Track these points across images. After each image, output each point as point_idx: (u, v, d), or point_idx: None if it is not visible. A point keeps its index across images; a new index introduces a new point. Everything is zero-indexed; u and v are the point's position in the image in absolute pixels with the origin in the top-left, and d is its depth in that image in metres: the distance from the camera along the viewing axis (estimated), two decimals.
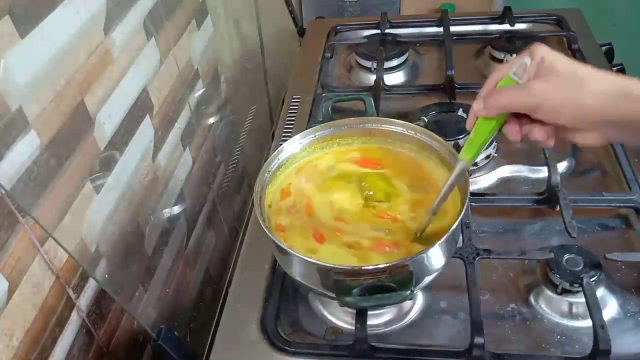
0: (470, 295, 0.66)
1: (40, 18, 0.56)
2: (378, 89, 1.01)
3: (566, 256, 0.69)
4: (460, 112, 0.94)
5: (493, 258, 0.71)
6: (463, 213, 0.60)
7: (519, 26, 1.17)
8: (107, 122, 0.69)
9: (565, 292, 0.67)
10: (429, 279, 0.63)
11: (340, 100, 0.88)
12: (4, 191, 0.51)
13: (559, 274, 0.67)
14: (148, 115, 0.80)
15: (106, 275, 0.69)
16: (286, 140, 0.74)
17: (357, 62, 1.13)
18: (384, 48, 1.12)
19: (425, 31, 1.22)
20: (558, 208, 0.76)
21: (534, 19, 1.19)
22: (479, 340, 0.61)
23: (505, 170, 0.87)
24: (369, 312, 0.66)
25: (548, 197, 0.78)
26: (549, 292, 0.68)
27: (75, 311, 0.63)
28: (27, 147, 0.54)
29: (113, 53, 0.70)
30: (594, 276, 0.66)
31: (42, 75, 0.57)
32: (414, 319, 0.69)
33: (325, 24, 1.27)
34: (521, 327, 0.67)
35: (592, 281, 0.65)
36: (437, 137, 0.70)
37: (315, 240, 0.66)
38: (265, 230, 0.62)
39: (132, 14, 0.75)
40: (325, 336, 0.68)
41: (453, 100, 0.99)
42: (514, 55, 0.54)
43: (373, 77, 1.06)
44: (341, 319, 0.70)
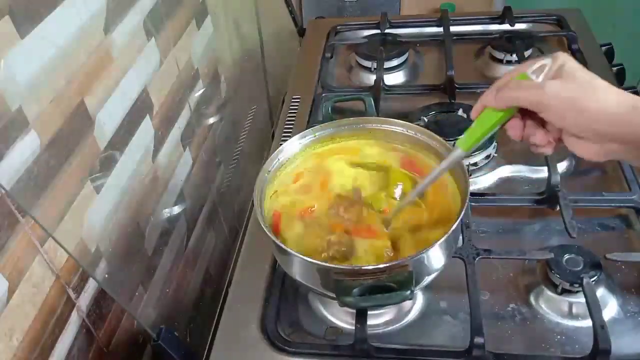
0: (470, 295, 0.66)
1: (40, 18, 0.56)
2: (378, 89, 1.01)
3: (566, 256, 0.69)
4: (460, 112, 0.94)
5: (493, 258, 0.71)
6: (463, 213, 0.61)
7: (519, 26, 1.17)
8: (107, 122, 0.69)
9: (565, 292, 0.68)
10: (429, 279, 0.63)
11: (340, 100, 0.88)
12: (4, 191, 0.51)
13: (559, 274, 0.67)
14: (148, 115, 0.80)
15: (106, 275, 0.69)
16: (286, 140, 0.74)
17: (357, 62, 1.13)
18: (384, 48, 1.12)
19: (425, 31, 1.22)
20: (558, 208, 0.76)
21: (534, 19, 1.19)
22: (479, 340, 0.61)
23: (505, 170, 0.87)
24: (369, 312, 0.66)
25: (548, 197, 0.78)
26: (549, 292, 0.68)
27: (75, 311, 0.63)
28: (27, 147, 0.54)
29: (113, 53, 0.70)
30: (594, 276, 0.66)
31: (42, 75, 0.57)
32: (414, 319, 0.69)
33: (325, 24, 1.27)
34: (521, 327, 0.67)
35: (592, 281, 0.65)
36: (437, 137, 0.70)
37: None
38: (265, 230, 0.62)
39: (132, 14, 0.75)
40: (325, 336, 0.68)
41: (453, 100, 0.99)
42: (536, 58, 0.54)
43: (373, 77, 1.06)
44: (341, 319, 0.70)
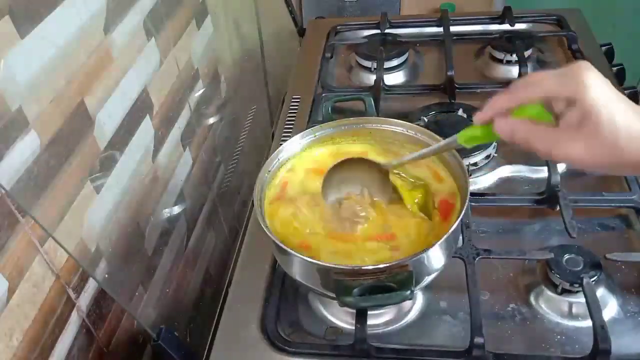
0: (470, 295, 0.66)
1: (40, 18, 0.56)
2: (378, 89, 1.01)
3: (566, 256, 0.69)
4: (460, 112, 0.94)
5: (493, 258, 0.71)
6: (463, 213, 0.61)
7: (519, 26, 1.17)
8: (107, 122, 0.69)
9: (565, 292, 0.67)
10: (429, 279, 0.63)
11: (340, 100, 0.88)
12: (4, 191, 0.51)
13: (559, 274, 0.67)
14: (148, 115, 0.80)
15: (106, 275, 0.69)
16: (286, 140, 0.74)
17: (357, 62, 1.13)
18: (384, 48, 1.12)
19: (425, 31, 1.21)
20: (558, 208, 0.76)
21: (534, 19, 1.19)
22: (479, 340, 0.61)
23: (505, 170, 0.87)
24: (369, 312, 0.66)
25: (548, 197, 0.78)
26: (549, 292, 0.68)
27: (75, 311, 0.63)
28: (27, 147, 0.54)
29: (113, 53, 0.70)
30: (594, 276, 0.66)
31: (42, 75, 0.57)
32: (414, 319, 0.69)
33: (325, 24, 1.27)
34: (521, 327, 0.67)
35: (592, 281, 0.65)
36: (437, 137, 0.70)
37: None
38: (266, 230, 0.62)
39: (132, 14, 0.75)
40: (325, 336, 0.68)
41: (453, 100, 0.99)
42: (557, 75, 0.46)
43: (373, 77, 1.06)
44: (341, 319, 0.70)
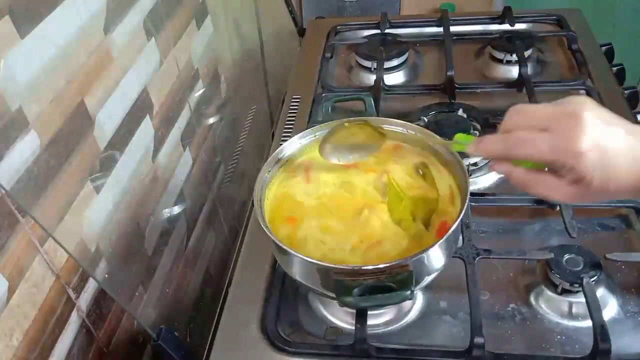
0: (470, 295, 0.66)
1: (40, 18, 0.56)
2: (378, 89, 1.01)
3: (566, 256, 0.69)
4: (460, 112, 0.94)
5: (493, 258, 0.71)
6: (463, 213, 0.61)
7: (519, 26, 1.17)
8: (107, 122, 0.69)
9: (565, 292, 0.67)
10: (429, 279, 0.63)
11: (340, 100, 0.88)
12: (4, 191, 0.51)
13: (559, 274, 0.67)
14: (148, 115, 0.80)
15: (106, 275, 0.69)
16: (286, 140, 0.74)
17: (357, 62, 1.13)
18: (384, 48, 1.12)
19: (425, 31, 1.21)
20: (558, 208, 0.76)
21: (534, 19, 1.19)
22: (479, 340, 0.61)
23: None
24: (369, 312, 0.66)
25: None
26: (549, 292, 0.68)
27: (75, 311, 0.63)
28: (27, 147, 0.54)
29: (113, 53, 0.70)
30: (594, 276, 0.66)
31: (42, 75, 0.57)
32: (414, 319, 0.69)
33: (325, 24, 1.27)
34: (521, 327, 0.67)
35: (592, 281, 0.65)
36: (437, 137, 0.70)
37: None
38: (266, 230, 0.62)
39: (132, 14, 0.75)
40: (325, 336, 0.68)
41: (453, 100, 0.99)
42: (553, 141, 0.48)
43: (373, 77, 1.06)
44: (341, 319, 0.70)
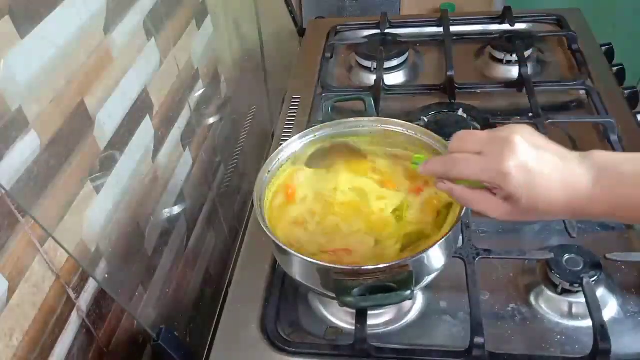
0: (470, 295, 0.66)
1: (40, 18, 0.56)
2: (378, 89, 1.01)
3: (566, 256, 0.69)
4: (460, 112, 0.94)
5: (493, 258, 0.71)
6: (463, 213, 0.61)
7: (519, 26, 1.17)
8: (107, 122, 0.69)
9: (565, 292, 0.67)
10: (429, 279, 0.63)
11: (340, 100, 0.88)
12: (4, 191, 0.51)
13: (559, 274, 0.67)
14: (148, 115, 0.80)
15: (106, 275, 0.69)
16: (286, 140, 0.74)
17: (357, 62, 1.13)
18: (384, 48, 1.12)
19: (425, 31, 1.22)
20: None
21: (533, 19, 1.19)
22: (479, 340, 0.61)
23: None
24: (369, 312, 0.66)
25: None
26: (549, 292, 0.68)
27: (75, 311, 0.63)
28: (27, 147, 0.54)
29: (113, 53, 0.70)
30: (594, 276, 0.66)
31: (42, 75, 0.56)
32: (414, 319, 0.69)
33: (325, 24, 1.27)
34: (521, 327, 0.67)
35: (592, 281, 0.65)
36: (437, 137, 0.70)
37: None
38: (265, 230, 0.62)
39: (132, 14, 0.75)
40: (325, 336, 0.68)
41: (453, 100, 0.99)
42: (485, 162, 0.53)
43: (373, 77, 1.06)
44: (341, 319, 0.70)
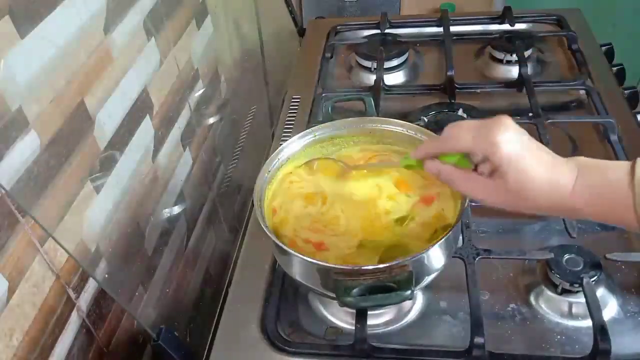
0: (470, 295, 0.66)
1: (40, 18, 0.56)
2: (378, 89, 1.01)
3: (566, 256, 0.69)
4: (460, 112, 0.94)
5: (493, 258, 0.71)
6: (463, 213, 0.61)
7: (519, 26, 1.17)
8: (107, 122, 0.69)
9: (565, 292, 0.67)
10: (429, 279, 0.63)
11: (340, 100, 0.88)
12: (4, 191, 0.51)
13: (559, 274, 0.67)
14: (148, 115, 0.80)
15: (106, 275, 0.69)
16: (286, 140, 0.74)
17: (357, 62, 1.13)
18: (384, 48, 1.12)
19: (425, 31, 1.22)
20: None
21: (533, 19, 1.19)
22: (479, 340, 0.61)
23: None
24: (369, 312, 0.66)
25: None
26: (549, 292, 0.68)
27: (75, 311, 0.63)
28: (27, 147, 0.54)
29: (113, 53, 0.70)
30: (594, 276, 0.66)
31: (42, 75, 0.56)
32: (414, 319, 0.69)
33: (325, 24, 1.27)
34: (521, 327, 0.67)
35: (592, 281, 0.65)
36: (437, 137, 0.70)
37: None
38: (265, 230, 0.62)
39: (132, 14, 0.75)
40: (325, 336, 0.68)
41: (453, 100, 0.99)
42: (475, 133, 0.54)
43: (373, 77, 1.06)
44: (341, 319, 0.70)
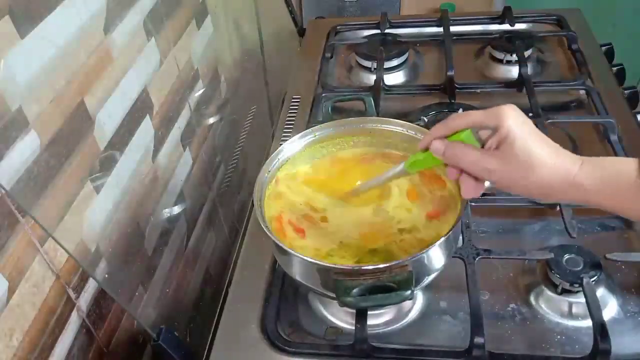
0: (470, 295, 0.66)
1: (40, 18, 0.56)
2: (378, 89, 1.01)
3: (566, 256, 0.69)
4: (461, 112, 0.94)
5: (493, 258, 0.71)
6: (463, 213, 0.61)
7: (519, 26, 1.17)
8: (107, 122, 0.69)
9: (565, 292, 0.68)
10: (429, 279, 0.63)
11: (340, 100, 0.88)
12: (4, 191, 0.51)
13: (559, 274, 0.67)
14: (148, 115, 0.80)
15: (106, 275, 0.69)
16: (286, 140, 0.74)
17: (357, 62, 1.13)
18: (384, 48, 1.12)
19: (425, 31, 1.22)
20: (558, 208, 0.76)
21: (533, 19, 1.19)
22: (479, 340, 0.61)
23: None
24: (369, 312, 0.66)
25: None
26: (549, 292, 0.68)
27: (75, 311, 0.63)
28: (27, 147, 0.54)
29: (113, 53, 0.70)
30: (594, 276, 0.66)
31: (42, 75, 0.56)
32: (414, 319, 0.69)
33: (325, 24, 1.27)
34: (521, 327, 0.67)
35: (592, 281, 0.65)
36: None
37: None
38: (265, 230, 0.62)
39: (132, 14, 0.75)
40: (325, 336, 0.68)
41: (453, 100, 0.99)
42: (485, 110, 0.54)
43: (373, 77, 1.06)
44: (341, 319, 0.70)
